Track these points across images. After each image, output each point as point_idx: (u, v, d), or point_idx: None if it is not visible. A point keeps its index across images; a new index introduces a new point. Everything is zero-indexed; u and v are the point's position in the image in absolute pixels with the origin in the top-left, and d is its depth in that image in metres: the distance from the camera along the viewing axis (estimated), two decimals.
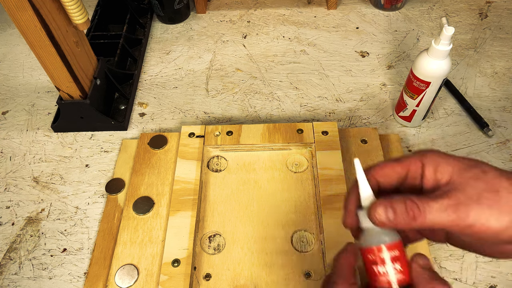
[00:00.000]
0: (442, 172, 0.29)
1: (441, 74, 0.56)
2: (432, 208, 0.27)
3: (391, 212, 0.28)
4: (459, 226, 0.27)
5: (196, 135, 0.61)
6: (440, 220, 0.27)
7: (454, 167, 0.29)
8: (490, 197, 0.26)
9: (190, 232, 0.51)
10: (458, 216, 0.27)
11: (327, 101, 0.70)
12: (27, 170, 0.63)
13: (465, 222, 0.27)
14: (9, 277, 0.53)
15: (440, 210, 0.27)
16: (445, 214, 0.27)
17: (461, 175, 0.28)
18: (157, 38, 0.83)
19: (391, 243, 0.29)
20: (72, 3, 0.54)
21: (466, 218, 0.26)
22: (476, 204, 0.26)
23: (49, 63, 0.57)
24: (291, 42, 0.81)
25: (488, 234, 0.27)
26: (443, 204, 0.27)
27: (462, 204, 0.27)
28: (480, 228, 0.26)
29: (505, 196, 0.26)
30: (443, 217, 0.27)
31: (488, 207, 0.26)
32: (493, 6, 0.85)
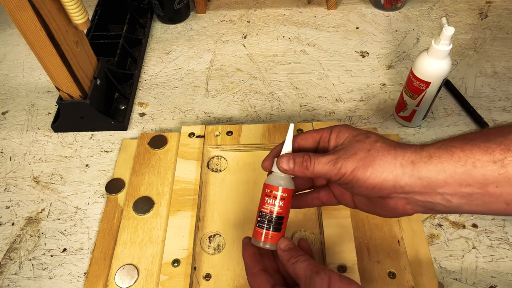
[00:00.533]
0: (341, 137, 0.37)
1: (441, 74, 0.56)
2: (320, 161, 0.36)
3: (292, 162, 0.37)
4: (336, 175, 0.35)
5: (196, 135, 0.61)
6: (323, 170, 0.36)
7: (350, 134, 0.37)
8: (362, 154, 0.34)
9: (190, 232, 0.51)
10: (335, 167, 0.35)
11: (327, 101, 0.70)
12: (27, 170, 0.63)
13: (339, 171, 0.35)
14: (9, 277, 0.53)
15: (324, 163, 0.36)
16: (327, 166, 0.35)
17: (351, 139, 0.36)
18: (157, 38, 0.83)
19: (284, 188, 0.39)
20: (72, 3, 0.54)
21: (341, 168, 0.35)
22: (349, 159, 0.34)
23: (49, 63, 0.57)
24: (291, 42, 0.81)
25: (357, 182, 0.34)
26: (328, 158, 0.36)
27: (340, 158, 0.35)
28: (349, 175, 0.34)
29: (373, 154, 0.34)
30: (326, 168, 0.35)
31: (357, 161, 0.34)
32: (493, 6, 0.85)
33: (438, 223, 0.55)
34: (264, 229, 0.40)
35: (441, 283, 0.50)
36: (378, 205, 0.37)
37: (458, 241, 0.53)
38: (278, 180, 0.40)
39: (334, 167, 0.35)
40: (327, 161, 0.35)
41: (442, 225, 0.55)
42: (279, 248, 0.39)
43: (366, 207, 0.39)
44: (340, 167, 0.35)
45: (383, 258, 0.50)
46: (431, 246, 0.53)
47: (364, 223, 0.53)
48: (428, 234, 0.54)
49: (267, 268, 0.40)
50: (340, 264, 0.48)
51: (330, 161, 0.35)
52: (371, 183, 0.33)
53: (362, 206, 0.40)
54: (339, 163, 0.35)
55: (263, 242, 0.40)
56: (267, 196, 0.40)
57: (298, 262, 0.37)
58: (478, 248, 0.53)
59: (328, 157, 0.36)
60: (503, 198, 0.30)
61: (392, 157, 0.33)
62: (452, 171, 0.30)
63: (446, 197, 0.32)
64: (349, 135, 0.37)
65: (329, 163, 0.35)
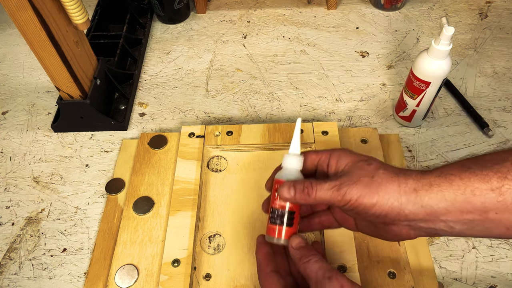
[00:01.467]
0: (341, 163, 0.37)
1: (441, 74, 0.56)
2: (322, 187, 0.35)
3: (292, 190, 0.37)
4: (340, 201, 0.34)
5: (196, 135, 0.61)
6: (326, 196, 0.35)
7: (350, 160, 0.37)
8: (366, 181, 0.34)
9: (190, 232, 0.51)
10: (339, 193, 0.34)
11: (327, 101, 0.70)
12: (27, 170, 0.63)
13: (344, 198, 0.34)
14: (9, 277, 0.53)
15: (327, 189, 0.35)
16: (330, 192, 0.35)
17: (353, 166, 0.36)
18: (157, 38, 0.83)
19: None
20: (72, 3, 0.54)
21: (345, 194, 0.34)
22: (354, 185, 0.34)
23: (49, 63, 0.57)
24: (291, 42, 0.81)
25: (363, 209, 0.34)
26: (331, 185, 0.35)
27: (344, 184, 0.34)
28: (355, 203, 0.34)
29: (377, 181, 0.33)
30: (328, 194, 0.35)
31: (362, 187, 0.34)
32: (493, 6, 0.85)
33: None
34: (276, 225, 0.39)
35: (441, 283, 0.50)
36: (381, 230, 0.37)
37: (458, 241, 0.53)
38: (288, 175, 0.39)
39: (338, 193, 0.34)
40: (330, 187, 0.35)
41: None
42: (290, 246, 0.39)
43: (369, 231, 0.39)
44: (344, 193, 0.34)
45: (383, 258, 0.50)
46: (431, 246, 0.53)
47: None
48: None
49: (279, 269, 0.40)
50: (340, 264, 0.48)
51: (333, 187, 0.35)
52: (377, 210, 0.33)
53: (365, 230, 0.40)
54: (343, 189, 0.34)
55: (276, 239, 0.39)
56: (277, 192, 0.39)
57: (310, 262, 0.36)
58: (478, 248, 0.53)
59: (331, 183, 0.35)
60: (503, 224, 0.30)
61: (396, 184, 0.33)
62: (453, 199, 0.31)
63: (449, 224, 0.33)
64: (350, 161, 0.37)
65: (332, 189, 0.35)
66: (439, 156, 0.62)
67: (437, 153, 0.62)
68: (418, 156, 0.62)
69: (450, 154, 0.62)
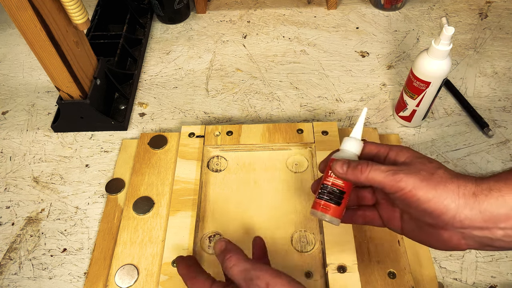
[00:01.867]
0: (401, 156, 0.36)
1: (441, 74, 0.56)
2: (377, 168, 0.34)
3: (346, 166, 0.36)
4: (393, 186, 0.33)
5: (196, 135, 0.61)
6: (379, 178, 0.34)
7: (411, 155, 0.36)
8: (425, 175, 0.32)
9: (190, 232, 0.51)
10: (394, 178, 0.33)
11: (327, 101, 0.70)
12: (27, 170, 0.63)
13: (398, 184, 0.33)
14: (9, 277, 0.53)
15: (382, 171, 0.34)
16: (384, 174, 0.34)
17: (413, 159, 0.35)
18: (157, 38, 0.83)
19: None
20: (72, 3, 0.54)
21: (400, 181, 0.33)
22: (412, 174, 0.33)
23: (49, 63, 0.57)
24: (291, 42, 0.81)
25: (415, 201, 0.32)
26: (387, 168, 0.34)
27: (402, 171, 0.33)
28: (409, 193, 0.32)
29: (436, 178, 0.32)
30: (382, 176, 0.34)
31: (420, 180, 0.32)
32: (493, 6, 0.85)
33: None
34: (323, 200, 0.38)
35: (441, 283, 0.50)
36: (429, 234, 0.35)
37: None
38: (345, 156, 0.39)
39: (393, 178, 0.33)
40: (386, 169, 0.34)
41: None
42: (214, 251, 0.39)
43: (415, 235, 0.37)
44: (400, 179, 0.33)
45: (383, 258, 0.50)
46: None
47: None
48: None
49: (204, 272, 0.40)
50: (340, 264, 0.48)
51: (389, 170, 0.34)
52: (431, 207, 0.32)
53: (411, 233, 0.37)
54: (399, 176, 0.33)
55: (321, 213, 0.38)
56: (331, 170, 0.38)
57: (230, 267, 0.36)
58: None
59: (388, 167, 0.34)
60: None
61: (456, 185, 0.32)
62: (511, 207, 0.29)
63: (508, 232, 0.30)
64: (411, 155, 0.36)
65: (387, 172, 0.33)
66: (439, 156, 0.62)
67: (437, 153, 0.62)
68: None
69: (450, 154, 0.62)
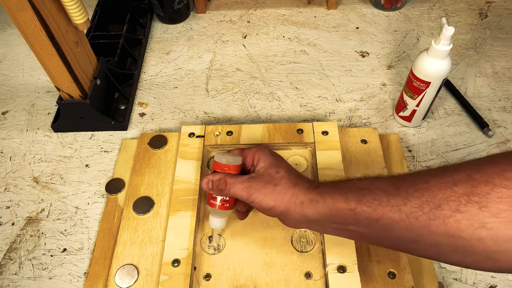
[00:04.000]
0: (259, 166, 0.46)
1: (441, 74, 0.56)
2: (235, 186, 0.45)
3: (210, 184, 0.46)
4: (248, 200, 0.44)
5: (196, 135, 0.61)
6: (239, 193, 0.44)
7: (264, 165, 0.46)
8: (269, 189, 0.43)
9: (190, 232, 0.51)
10: (248, 194, 0.44)
11: (327, 101, 0.70)
12: (27, 170, 0.63)
13: (251, 199, 0.44)
14: (9, 277, 0.53)
15: (239, 189, 0.44)
16: (241, 191, 0.44)
17: (265, 171, 0.45)
18: (157, 38, 0.83)
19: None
20: (72, 3, 0.54)
21: (251, 196, 0.44)
22: (259, 190, 0.43)
23: (49, 63, 0.57)
24: (291, 42, 0.81)
25: (265, 209, 0.43)
26: (242, 185, 0.44)
27: (252, 188, 0.44)
28: (259, 204, 0.43)
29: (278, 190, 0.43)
30: (240, 193, 0.44)
31: (265, 194, 0.43)
32: (493, 6, 0.85)
33: None
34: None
35: (441, 283, 0.50)
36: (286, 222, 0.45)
37: None
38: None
39: (247, 193, 0.44)
40: (242, 188, 0.44)
41: None
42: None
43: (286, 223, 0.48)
44: (251, 194, 0.44)
45: (383, 258, 0.50)
46: None
47: None
48: None
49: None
50: (340, 264, 0.48)
51: (244, 189, 0.44)
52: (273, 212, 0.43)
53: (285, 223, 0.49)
54: (251, 191, 0.44)
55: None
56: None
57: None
58: None
59: (244, 185, 0.44)
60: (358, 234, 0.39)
61: (290, 195, 0.42)
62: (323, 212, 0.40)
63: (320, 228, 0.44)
64: (263, 166, 0.46)
65: (243, 190, 0.44)
66: (439, 156, 0.62)
67: (437, 153, 0.62)
68: (418, 156, 0.62)
69: (450, 154, 0.62)
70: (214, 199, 0.48)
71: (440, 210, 0.32)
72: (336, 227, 0.40)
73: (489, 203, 0.30)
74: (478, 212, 0.31)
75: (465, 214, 0.31)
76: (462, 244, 0.32)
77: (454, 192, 0.32)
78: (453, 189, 0.32)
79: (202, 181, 0.47)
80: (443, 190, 0.33)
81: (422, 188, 0.34)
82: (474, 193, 0.31)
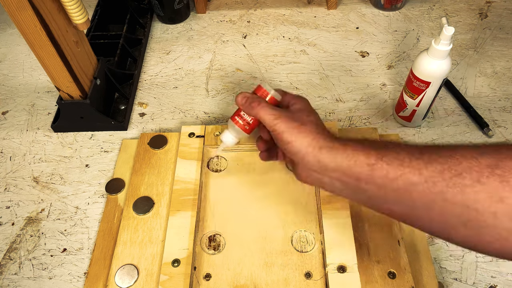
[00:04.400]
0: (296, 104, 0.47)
1: (441, 74, 0.56)
2: (265, 109, 0.45)
3: (245, 99, 0.48)
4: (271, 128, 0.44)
5: (196, 135, 0.61)
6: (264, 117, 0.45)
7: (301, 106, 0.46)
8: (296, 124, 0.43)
9: (190, 232, 0.51)
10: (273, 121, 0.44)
11: (327, 101, 0.70)
12: (27, 170, 0.63)
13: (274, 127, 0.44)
14: (9, 277, 0.53)
15: (267, 113, 0.45)
16: (268, 116, 0.45)
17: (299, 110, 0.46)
18: (157, 38, 0.83)
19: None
20: (72, 3, 0.54)
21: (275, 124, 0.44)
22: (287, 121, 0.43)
23: (49, 63, 0.57)
24: (291, 42, 0.81)
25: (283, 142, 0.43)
26: (272, 111, 0.45)
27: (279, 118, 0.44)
28: (280, 135, 0.43)
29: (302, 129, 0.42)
30: (266, 117, 0.45)
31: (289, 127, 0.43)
32: (493, 6, 0.85)
33: None
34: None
35: (441, 283, 0.50)
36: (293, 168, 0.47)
37: None
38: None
39: (273, 120, 0.44)
40: (272, 112, 0.45)
41: None
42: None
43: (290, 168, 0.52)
44: (276, 123, 0.44)
45: (383, 258, 0.50)
46: (431, 246, 0.53)
47: (364, 223, 0.53)
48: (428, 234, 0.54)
49: None
50: (340, 264, 0.48)
51: (273, 114, 0.45)
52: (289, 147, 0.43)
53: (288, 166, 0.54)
54: (277, 120, 0.44)
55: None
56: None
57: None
58: None
59: (274, 110, 0.45)
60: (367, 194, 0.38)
61: (311, 138, 0.42)
62: (340, 162, 0.39)
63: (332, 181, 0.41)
64: (301, 107, 0.46)
65: (271, 114, 0.45)
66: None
67: None
68: None
69: None
70: (239, 117, 0.50)
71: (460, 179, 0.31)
72: (347, 181, 0.39)
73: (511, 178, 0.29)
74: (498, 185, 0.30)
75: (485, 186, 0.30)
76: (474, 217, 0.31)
77: (479, 162, 0.31)
78: (478, 160, 0.31)
79: (239, 95, 0.48)
80: (468, 159, 0.32)
81: (447, 155, 0.33)
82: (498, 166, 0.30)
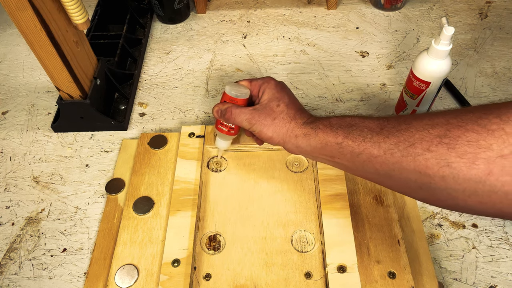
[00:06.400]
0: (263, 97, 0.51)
1: (441, 74, 0.56)
2: (239, 116, 0.50)
3: (219, 112, 0.53)
4: (250, 130, 0.50)
5: (196, 135, 0.61)
6: (241, 124, 0.50)
7: (269, 96, 0.50)
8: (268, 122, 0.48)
9: (190, 232, 0.51)
10: (250, 124, 0.50)
11: (327, 101, 0.70)
12: (27, 170, 0.63)
13: (252, 129, 0.50)
14: (9, 277, 0.53)
15: (243, 119, 0.50)
16: (244, 121, 0.50)
17: (268, 102, 0.50)
18: (157, 38, 0.83)
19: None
20: (72, 3, 0.54)
21: (252, 126, 0.49)
22: (259, 122, 0.49)
23: (49, 63, 0.57)
24: (291, 42, 0.81)
25: (264, 138, 0.49)
26: (246, 116, 0.50)
27: (253, 119, 0.49)
28: (259, 134, 0.49)
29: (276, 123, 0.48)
30: (243, 123, 0.50)
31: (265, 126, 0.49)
32: (493, 6, 0.85)
33: (438, 223, 0.55)
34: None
35: (441, 283, 0.50)
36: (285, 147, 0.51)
37: (458, 241, 0.53)
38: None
39: (248, 125, 0.50)
40: (244, 118, 0.50)
41: (442, 225, 0.55)
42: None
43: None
44: (253, 125, 0.49)
45: (383, 258, 0.50)
46: (431, 246, 0.53)
47: (364, 223, 0.53)
48: (428, 234, 0.54)
49: None
50: (340, 264, 0.48)
51: (246, 119, 0.50)
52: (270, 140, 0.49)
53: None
54: (253, 122, 0.49)
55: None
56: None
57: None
58: (478, 248, 0.53)
59: (246, 115, 0.50)
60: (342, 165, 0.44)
61: (287, 128, 0.48)
62: (315, 145, 0.45)
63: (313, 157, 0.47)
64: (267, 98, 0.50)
65: (245, 120, 0.50)
66: None
67: None
68: None
69: None
70: (222, 125, 0.55)
71: (413, 148, 0.35)
72: (325, 158, 0.45)
73: (457, 145, 0.33)
74: (445, 152, 0.33)
75: (434, 153, 0.34)
76: (427, 181, 0.35)
77: (430, 133, 0.35)
78: (429, 131, 0.35)
79: (214, 109, 0.53)
80: (421, 131, 0.36)
81: (403, 128, 0.37)
82: (446, 136, 0.34)
